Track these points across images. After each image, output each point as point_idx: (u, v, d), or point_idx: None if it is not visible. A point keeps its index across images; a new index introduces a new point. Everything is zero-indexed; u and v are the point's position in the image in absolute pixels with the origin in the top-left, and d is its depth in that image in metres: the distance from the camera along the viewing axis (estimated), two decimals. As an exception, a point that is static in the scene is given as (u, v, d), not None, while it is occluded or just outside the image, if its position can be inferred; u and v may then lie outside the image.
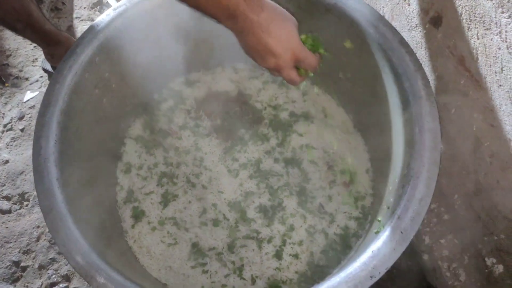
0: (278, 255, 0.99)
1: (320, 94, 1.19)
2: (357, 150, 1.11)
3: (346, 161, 1.10)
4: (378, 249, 0.68)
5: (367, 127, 1.10)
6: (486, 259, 0.84)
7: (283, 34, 0.64)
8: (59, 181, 0.76)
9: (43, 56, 1.38)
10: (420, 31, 0.88)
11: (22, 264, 1.11)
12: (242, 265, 0.99)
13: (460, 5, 0.72)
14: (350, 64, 1.01)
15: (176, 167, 1.10)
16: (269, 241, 1.01)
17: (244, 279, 0.97)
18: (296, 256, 0.99)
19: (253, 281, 0.97)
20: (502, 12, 0.62)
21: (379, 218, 0.82)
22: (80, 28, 1.51)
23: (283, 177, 1.08)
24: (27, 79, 1.41)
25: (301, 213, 1.03)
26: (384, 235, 0.70)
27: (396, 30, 0.87)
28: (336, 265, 0.98)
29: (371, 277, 0.66)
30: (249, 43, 0.65)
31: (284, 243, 1.00)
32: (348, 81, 1.08)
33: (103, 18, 0.92)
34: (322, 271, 0.97)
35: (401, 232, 0.69)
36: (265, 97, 1.19)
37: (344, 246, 0.99)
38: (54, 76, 0.84)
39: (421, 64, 0.83)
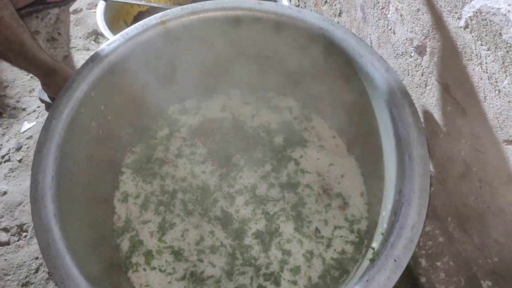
0: (276, 282, 1.00)
1: (313, 119, 1.21)
2: (351, 173, 1.12)
3: (341, 184, 1.11)
4: (373, 278, 0.69)
5: (360, 151, 1.12)
6: (482, 282, 0.84)
7: None
8: (56, 217, 0.76)
9: (40, 87, 1.40)
10: (406, 59, 0.91)
11: (20, 297, 1.11)
12: (240, 293, 0.99)
13: (442, 36, 0.74)
14: (341, 91, 1.03)
15: (173, 195, 1.11)
16: (266, 268, 1.01)
17: (243, 307, 0.97)
18: (294, 282, 0.99)
19: (252, 309, 0.97)
20: (481, 45, 0.64)
21: (373, 245, 0.82)
22: (76, 57, 1.54)
23: (279, 202, 1.09)
24: (24, 109, 1.43)
25: (298, 238, 1.04)
26: (379, 263, 0.70)
27: (382, 58, 0.89)
28: (334, 290, 0.98)
29: (366, 306, 0.66)
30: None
31: (281, 269, 1.01)
32: (339, 107, 1.10)
33: (97, 53, 0.95)
34: (320, 297, 0.98)
35: (395, 260, 0.70)
36: (258, 122, 1.21)
37: (342, 271, 1.00)
38: (50, 112, 0.85)
39: (407, 91, 0.85)
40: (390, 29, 0.92)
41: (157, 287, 1.00)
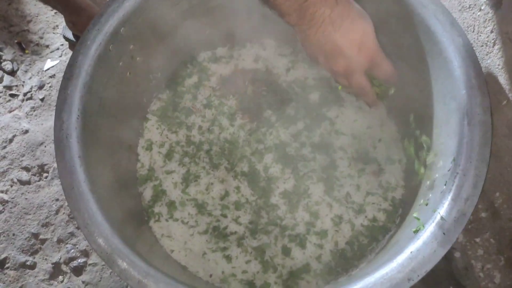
0: (301, 244, 0.96)
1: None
2: (389, 138, 1.05)
3: (377, 149, 1.04)
4: (417, 250, 0.63)
5: (402, 114, 1.03)
6: (526, 263, 0.79)
7: (357, 33, 0.55)
8: (81, 159, 0.72)
9: (64, 23, 1.33)
10: (474, 13, 0.81)
11: (41, 236, 1.10)
12: (264, 252, 0.95)
13: (528, -15, 0.64)
14: (392, 46, 0.94)
15: (199, 146, 1.06)
16: (292, 229, 0.97)
17: (266, 266, 0.94)
18: (320, 245, 0.96)
19: (275, 269, 0.94)
20: None
21: (414, 215, 0.76)
22: (103, -5, 1.45)
23: (310, 162, 1.03)
24: (47, 46, 1.37)
25: (327, 201, 0.99)
26: (425, 235, 0.65)
27: (447, 10, 0.79)
28: (361, 258, 0.94)
29: (409, 279, 0.61)
30: (315, 41, 0.55)
31: (308, 231, 0.97)
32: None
33: (129, -15, 0.86)
34: (346, 263, 0.94)
35: (444, 234, 0.64)
36: (294, 77, 1.13)
37: (371, 239, 0.95)
38: (77, 47, 0.79)
39: (474, 50, 0.76)
40: (459, -23, 0.81)
41: (179, 239, 0.97)
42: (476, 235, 0.89)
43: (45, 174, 1.18)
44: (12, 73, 1.31)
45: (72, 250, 1.08)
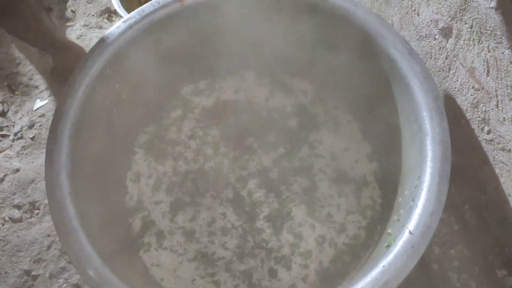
0: (287, 265, 1.00)
1: (328, 102, 1.19)
2: (365, 159, 1.10)
3: (354, 169, 1.09)
4: (389, 263, 0.68)
5: (376, 136, 1.10)
6: (497, 270, 0.83)
7: None
8: (71, 195, 0.76)
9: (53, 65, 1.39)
10: (430, 42, 0.88)
11: (33, 273, 1.12)
12: (251, 275, 0.99)
13: (470, 17, 0.71)
14: (359, 74, 1.01)
15: (185, 176, 1.10)
16: (277, 251, 1.01)
17: (254, 289, 0.97)
18: (305, 266, 0.99)
19: (263, 291, 0.97)
20: (514, 27, 0.61)
21: (389, 231, 0.81)
22: (89, 35, 1.52)
23: (292, 186, 1.08)
24: (36, 87, 1.42)
25: (310, 222, 1.03)
26: (395, 249, 0.70)
27: (405, 40, 0.86)
28: (345, 276, 0.98)
29: (383, 292, 0.66)
30: None
31: (293, 252, 1.01)
32: (356, 90, 1.08)
33: (113, 30, 0.93)
34: (331, 281, 0.97)
35: (412, 247, 0.69)
36: (273, 105, 1.19)
37: (353, 256, 0.99)
38: (64, 89, 0.84)
39: (431, 75, 0.83)
40: (414, 10, 0.89)
41: (169, 267, 1.00)
42: (450, 247, 0.94)
43: (36, 211, 1.21)
44: (3, 114, 1.36)
45: (65, 285, 1.10)
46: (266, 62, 1.20)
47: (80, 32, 1.54)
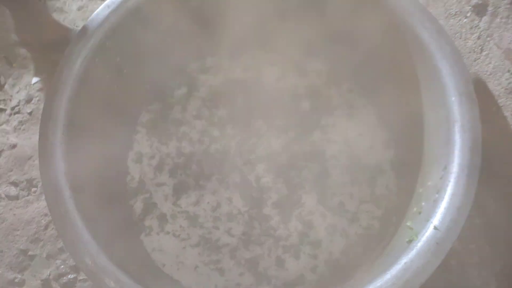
0: (295, 254, 0.95)
1: (343, 84, 1.12)
2: (381, 145, 1.04)
3: (369, 156, 1.03)
4: (411, 261, 0.62)
5: (393, 121, 1.03)
6: (522, 269, 0.78)
7: None
8: (67, 175, 0.71)
9: (52, 36, 1.31)
10: (460, 20, 0.80)
11: (30, 253, 1.08)
12: (257, 263, 0.94)
13: (514, -9, 0.64)
14: (379, 54, 0.94)
15: (190, 158, 1.05)
16: (286, 239, 0.96)
17: (259, 278, 0.93)
18: (314, 256, 0.94)
19: (269, 281, 0.93)
20: None
21: (408, 223, 0.76)
22: (91, 7, 1.44)
23: (302, 171, 1.02)
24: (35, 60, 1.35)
25: (320, 211, 0.98)
26: (418, 245, 0.64)
27: (434, 17, 0.79)
28: (356, 268, 0.93)
29: (403, 291, 0.60)
30: None
31: (302, 241, 0.96)
32: (374, 72, 1.01)
33: (115, -2, 0.86)
34: (342, 273, 0.93)
35: (437, 243, 0.63)
36: (284, 86, 1.12)
37: (366, 248, 0.94)
38: (61, 61, 0.78)
39: (461, 57, 0.75)
40: (445, -16, 0.81)
41: (171, 252, 0.96)
42: (471, 242, 0.88)
43: (33, 189, 1.16)
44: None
45: (62, 266, 1.05)
46: (278, 40, 1.13)
47: (82, 4, 1.46)
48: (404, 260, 0.63)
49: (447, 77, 0.74)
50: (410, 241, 0.67)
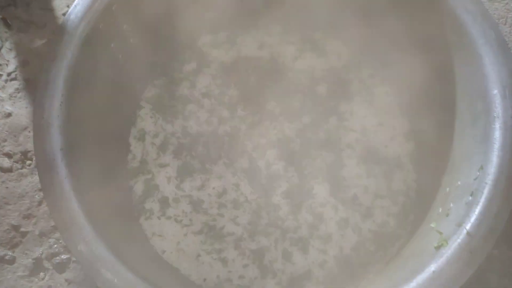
0: (303, 248, 0.89)
1: (364, 68, 1.04)
2: (402, 137, 0.97)
3: (388, 148, 0.96)
4: (440, 269, 0.56)
5: (416, 112, 0.96)
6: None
7: None
8: (63, 151, 0.64)
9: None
10: (507, 4, 0.72)
11: (22, 229, 1.02)
12: (263, 256, 0.89)
13: None
14: (409, 38, 0.86)
15: (196, 138, 0.98)
16: (294, 232, 0.90)
17: (264, 271, 0.87)
18: (323, 251, 0.89)
19: (274, 275, 0.87)
20: None
21: (433, 225, 0.69)
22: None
23: (315, 160, 0.96)
24: (34, 23, 1.26)
25: (332, 203, 0.92)
26: (449, 252, 0.58)
27: (480, 0, 0.71)
28: (367, 266, 0.87)
29: (430, 303, 0.54)
30: None
31: (311, 235, 0.90)
32: (400, 57, 0.93)
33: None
34: (351, 270, 0.87)
35: (471, 252, 0.57)
36: (301, 66, 1.05)
37: (379, 246, 0.89)
38: (62, 24, 0.70)
39: (507, 44, 0.68)
40: (495, -38, 0.72)
41: (171, 238, 0.90)
42: (493, 247, 0.82)
43: (28, 162, 1.09)
44: (-4, 50, 1.22)
45: (55, 245, 1.00)
46: (296, 16, 1.05)
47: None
48: (433, 268, 0.56)
49: (489, 66, 0.67)
50: (438, 247, 0.60)
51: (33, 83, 1.17)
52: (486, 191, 0.60)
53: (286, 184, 0.94)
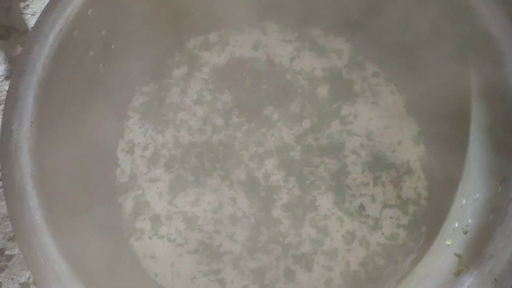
0: (307, 265, 0.83)
1: (367, 67, 0.97)
2: (411, 141, 0.90)
3: (396, 153, 0.89)
4: (463, 301, 0.49)
5: (426, 113, 0.89)
6: None
7: None
8: (35, 178, 0.57)
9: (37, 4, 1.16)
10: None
11: (7, 252, 0.96)
12: (264, 275, 0.83)
13: None
14: (420, 32, 0.78)
15: (189, 149, 0.92)
16: (297, 248, 0.84)
17: (266, 292, 0.81)
18: (329, 267, 0.83)
19: (277, 295, 0.81)
20: None
21: (448, 243, 0.63)
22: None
23: (318, 168, 0.90)
24: (16, 29, 1.20)
25: (337, 215, 0.86)
26: (470, 280, 0.51)
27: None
28: (376, 281, 0.81)
29: None
30: None
31: (315, 251, 0.84)
32: (408, 53, 0.86)
33: (98, -44, 0.70)
34: (360, 287, 0.81)
35: (495, 280, 0.50)
36: (299, 67, 0.98)
37: (389, 260, 0.83)
38: (30, 34, 0.63)
39: (529, 40, 0.60)
40: None
41: (165, 260, 0.84)
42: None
43: (13, 178, 1.04)
44: (-24, 60, 1.15)
45: (44, 268, 0.94)
46: (293, 12, 0.98)
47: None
48: (453, 299, 0.50)
49: (509, 64, 0.59)
50: (457, 273, 0.53)
51: (15, 94, 1.11)
52: (510, 209, 0.53)
53: (286, 196, 0.88)
